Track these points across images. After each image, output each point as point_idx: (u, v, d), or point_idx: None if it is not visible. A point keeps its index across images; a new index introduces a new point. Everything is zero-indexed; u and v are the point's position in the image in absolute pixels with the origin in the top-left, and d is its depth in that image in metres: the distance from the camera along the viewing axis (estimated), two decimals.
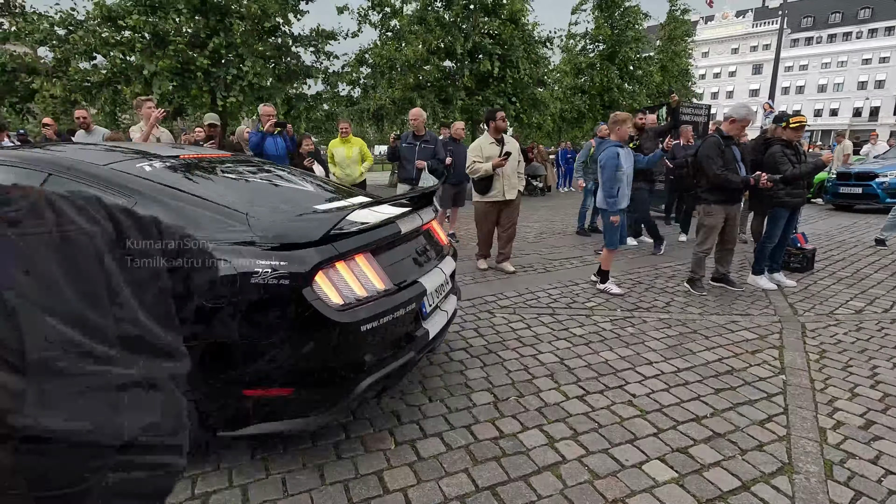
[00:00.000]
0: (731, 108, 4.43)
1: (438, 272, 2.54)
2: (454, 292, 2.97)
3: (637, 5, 17.69)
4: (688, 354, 3.25)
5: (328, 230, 1.89)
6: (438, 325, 2.49)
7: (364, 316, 1.93)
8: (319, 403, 1.96)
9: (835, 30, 57.64)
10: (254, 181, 2.62)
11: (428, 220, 2.67)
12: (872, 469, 2.11)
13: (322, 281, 1.87)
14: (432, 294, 2.45)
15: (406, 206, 2.58)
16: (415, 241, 2.53)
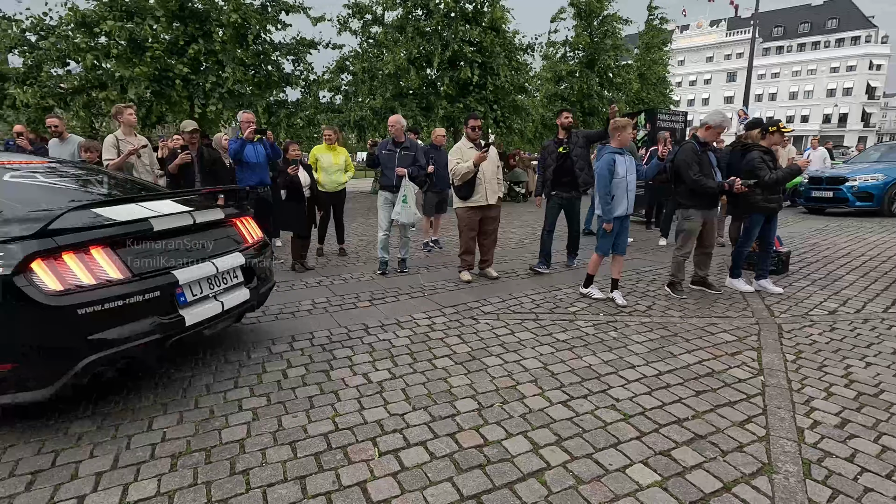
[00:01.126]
0: (707, 115, 4.53)
1: (208, 266, 2.84)
2: (256, 286, 3.25)
3: (616, 13, 18.02)
4: (669, 357, 3.29)
5: (44, 226, 2.20)
6: (205, 314, 2.77)
7: (83, 300, 2.21)
8: (41, 378, 2.23)
9: (804, 39, 59.66)
10: (23, 183, 2.81)
11: (226, 217, 3.16)
12: (849, 467, 2.15)
13: (40, 269, 2.17)
14: (194, 285, 2.77)
15: (190, 204, 2.97)
16: (183, 237, 2.79)
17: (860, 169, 10.44)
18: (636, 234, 8.03)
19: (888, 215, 9.68)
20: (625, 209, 4.36)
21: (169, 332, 2.57)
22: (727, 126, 4.56)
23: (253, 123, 5.67)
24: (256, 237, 3.44)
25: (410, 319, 4.06)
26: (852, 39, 57.03)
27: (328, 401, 2.73)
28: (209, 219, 3.00)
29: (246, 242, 3.30)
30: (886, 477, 2.08)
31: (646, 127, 9.63)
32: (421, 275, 5.61)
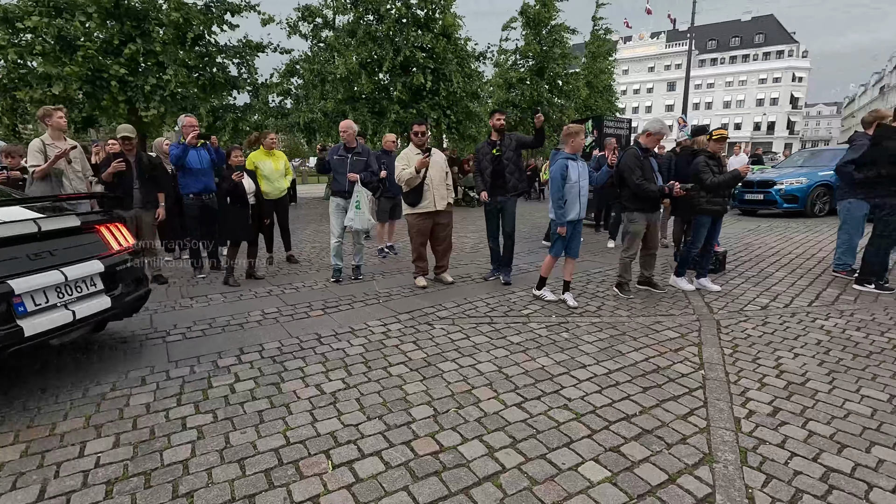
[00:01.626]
0: (648, 123, 4.74)
1: (54, 274, 2.77)
2: (120, 294, 3.22)
3: (563, 23, 18.62)
4: (618, 356, 3.41)
5: None
6: (50, 324, 2.70)
7: None
8: None
9: (735, 52, 63.86)
10: None
11: (87, 223, 3.12)
12: (781, 453, 2.29)
13: None
14: (36, 294, 2.70)
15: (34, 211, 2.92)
16: (24, 245, 2.72)
17: (786, 173, 11.25)
18: (586, 236, 8.29)
19: (811, 216, 10.48)
20: (577, 213, 4.47)
21: (5, 343, 2.49)
22: (666, 133, 4.80)
23: (196, 128, 5.44)
24: (124, 244, 3.38)
25: (365, 327, 4.01)
26: (777, 53, 61.58)
27: (279, 414, 2.64)
28: (59, 226, 2.93)
29: (110, 250, 3.24)
30: (813, 460, 2.23)
31: (593, 133, 9.98)
32: (376, 281, 5.55)
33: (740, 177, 4.67)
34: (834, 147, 15.64)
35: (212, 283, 5.56)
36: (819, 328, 3.91)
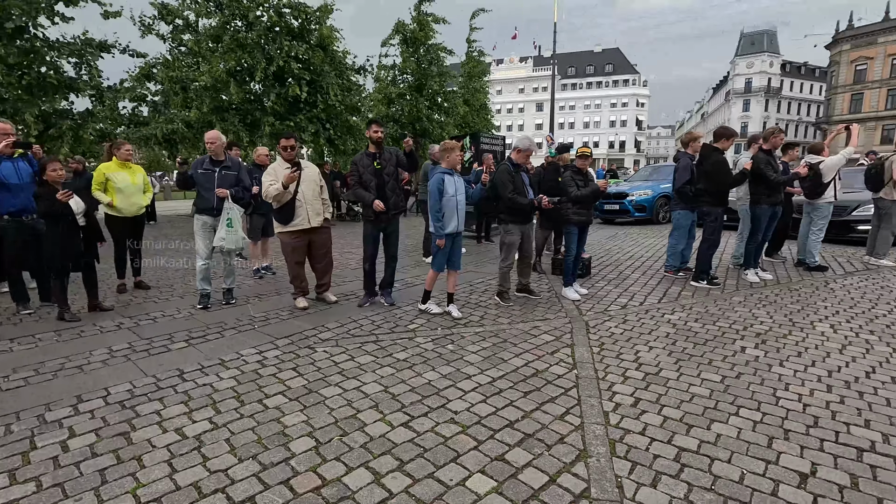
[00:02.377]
0: (517, 140, 5.05)
1: None
2: None
3: (441, 43, 19.32)
4: (501, 363, 3.52)
5: None
6: None
7: None
8: None
9: (591, 79, 71.99)
10: None
11: None
12: (642, 440, 2.52)
13: None
14: None
15: None
16: None
17: (636, 186, 12.84)
18: (468, 247, 8.58)
19: (657, 223, 12.05)
20: (455, 226, 4.57)
21: None
22: (534, 149, 5.15)
23: (11, 135, 4.57)
24: None
25: (237, 357, 3.65)
26: (623, 81, 70.72)
27: (127, 470, 2.26)
28: None
29: None
30: (668, 442, 2.49)
31: (471, 149, 10.42)
32: (251, 305, 5.12)
33: (601, 192, 5.17)
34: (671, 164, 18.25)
35: (42, 319, 4.67)
36: (667, 322, 4.45)
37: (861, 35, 44.25)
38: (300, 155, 5.10)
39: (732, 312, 4.72)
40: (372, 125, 4.81)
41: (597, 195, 5.18)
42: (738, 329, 4.23)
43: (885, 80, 42.96)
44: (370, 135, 4.80)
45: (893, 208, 6.71)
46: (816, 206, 6.56)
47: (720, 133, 5.66)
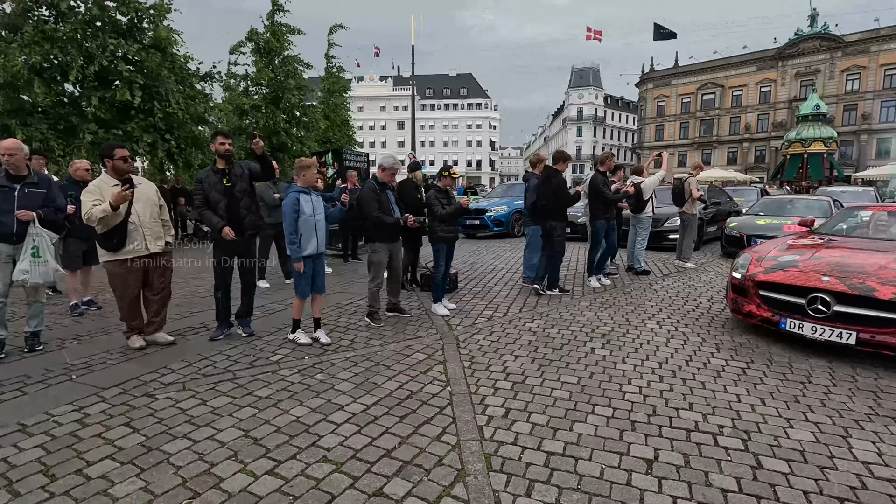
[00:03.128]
0: (381, 159, 5.03)
1: None
2: None
3: (297, 55, 18.57)
4: (374, 388, 3.39)
5: None
6: None
7: None
8: None
9: (448, 101, 75.93)
10: None
11: None
12: (515, 450, 2.61)
13: None
14: None
15: None
16: None
17: (493, 202, 13.74)
18: (336, 267, 8.28)
19: (514, 236, 13.01)
20: (315, 247, 4.33)
21: None
22: (398, 168, 5.17)
23: None
24: None
25: (47, 419, 2.95)
26: (477, 105, 75.99)
27: None
28: None
29: None
30: (537, 449, 2.62)
31: (334, 165, 10.14)
32: (67, 349, 4.23)
33: (463, 208, 5.38)
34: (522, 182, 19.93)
35: None
36: (529, 330, 4.76)
37: (660, 77, 53.89)
38: (133, 170, 4.36)
39: (581, 316, 5.24)
40: (218, 137, 4.32)
41: (460, 212, 5.38)
42: (588, 332, 4.70)
43: (678, 114, 52.84)
44: (216, 148, 4.30)
45: (693, 220, 8.19)
46: (640, 219, 7.68)
47: (557, 157, 6.30)
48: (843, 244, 5.00)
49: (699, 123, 51.39)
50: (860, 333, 3.72)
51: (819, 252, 4.65)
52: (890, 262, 4.10)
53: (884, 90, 40.27)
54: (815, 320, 3.94)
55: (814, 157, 30.91)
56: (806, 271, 4.20)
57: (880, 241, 5.06)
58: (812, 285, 4.01)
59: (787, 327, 4.12)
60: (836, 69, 42.31)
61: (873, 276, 3.89)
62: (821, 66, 43.03)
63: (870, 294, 3.72)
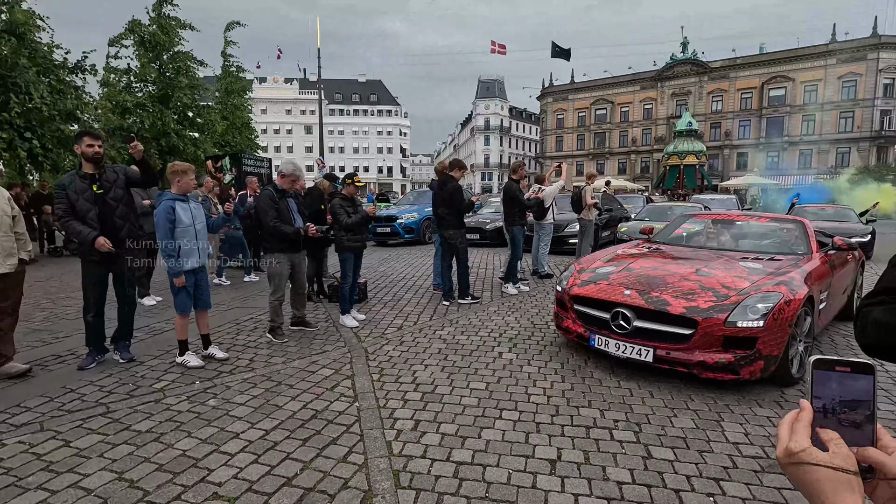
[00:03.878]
0: (281, 165, 4.77)
1: None
2: None
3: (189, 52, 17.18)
4: (275, 411, 3.16)
5: None
6: None
7: None
8: None
9: (357, 106, 74.78)
10: None
11: None
12: (424, 463, 2.56)
13: None
14: None
15: None
16: None
17: (404, 209, 13.70)
18: (235, 281, 7.71)
19: (425, 243, 13.06)
20: (197, 260, 4.01)
21: None
22: (299, 174, 4.91)
23: None
24: None
25: None
26: (387, 112, 75.73)
27: None
28: None
29: None
30: (447, 460, 2.59)
31: (232, 171, 9.49)
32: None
33: (370, 216, 5.25)
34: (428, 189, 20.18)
35: None
36: (439, 338, 4.76)
37: (558, 92, 57.62)
38: None
39: (490, 322, 5.35)
40: (84, 138, 3.79)
41: (367, 221, 5.25)
42: (496, 336, 4.81)
43: (575, 127, 56.81)
44: (83, 150, 3.78)
45: (590, 226, 8.77)
46: (543, 225, 8.06)
47: (454, 164, 6.41)
48: (666, 254, 4.76)
49: (594, 136, 55.66)
50: (657, 350, 3.47)
51: (636, 263, 4.37)
52: (691, 272, 3.91)
53: (741, 111, 46.54)
54: (619, 336, 3.67)
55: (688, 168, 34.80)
56: (613, 284, 3.93)
57: (703, 249, 4.87)
58: (615, 299, 3.75)
59: (595, 344, 3.80)
60: (704, 91, 48.15)
61: (671, 288, 3.69)
62: (692, 88, 48.71)
63: (663, 308, 3.50)
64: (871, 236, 9.90)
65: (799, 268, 3.96)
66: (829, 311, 4.49)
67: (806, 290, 3.56)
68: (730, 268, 4.05)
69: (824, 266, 4.23)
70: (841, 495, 0.50)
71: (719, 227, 5.40)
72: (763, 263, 4.13)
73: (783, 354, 3.41)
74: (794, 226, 5.01)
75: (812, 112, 42.91)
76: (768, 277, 3.73)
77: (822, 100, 42.38)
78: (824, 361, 0.56)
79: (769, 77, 44.82)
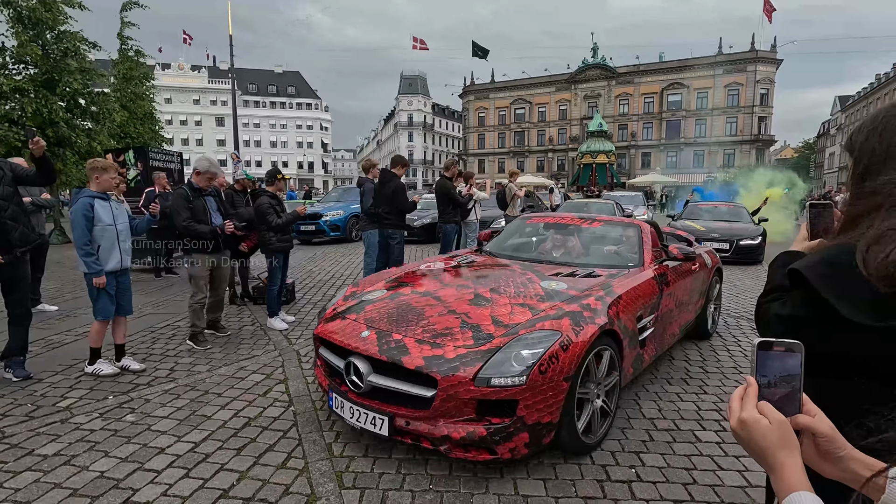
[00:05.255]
0: (196, 161, 4.49)
1: None
2: None
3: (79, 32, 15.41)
4: (204, 422, 3.00)
5: None
6: None
7: None
8: None
9: (274, 98, 71.30)
10: None
11: None
12: (366, 462, 2.56)
13: None
14: None
15: None
16: None
17: (329, 206, 13.37)
18: (145, 284, 7.11)
19: (352, 240, 12.85)
20: (119, 261, 3.73)
21: None
22: (215, 170, 4.61)
23: None
24: None
25: None
26: (307, 105, 73.02)
27: None
28: None
29: None
30: (389, 457, 2.61)
31: (137, 166, 8.72)
32: None
33: (299, 215, 5.10)
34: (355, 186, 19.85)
35: None
36: None
37: (480, 90, 58.92)
38: None
39: None
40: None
41: (296, 219, 5.10)
42: None
43: (496, 125, 58.47)
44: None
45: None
46: (469, 223, 8.27)
47: (396, 160, 6.39)
48: (469, 269, 3.76)
49: (514, 134, 57.63)
50: (395, 418, 2.40)
51: (414, 286, 3.32)
52: (464, 301, 2.92)
53: (644, 114, 50.52)
54: (354, 396, 2.56)
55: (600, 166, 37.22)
56: (358, 321, 2.86)
57: (519, 261, 3.88)
58: (349, 345, 2.66)
59: (334, 406, 2.67)
60: (612, 94, 51.63)
61: (422, 327, 2.67)
62: (601, 91, 52.02)
63: (398, 359, 2.44)
64: (761, 238, 9.48)
65: (608, 288, 3.04)
66: (663, 335, 3.59)
67: (602, 321, 2.64)
68: (522, 291, 3.04)
69: (651, 282, 3.39)
70: (784, 452, 0.62)
71: (552, 233, 4.52)
72: (572, 282, 3.21)
73: (562, 420, 2.42)
74: (632, 231, 4.09)
75: (704, 116, 47.69)
76: (561, 305, 2.77)
77: (712, 105, 47.23)
78: (766, 343, 0.67)
79: (668, 83, 49.08)
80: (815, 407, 0.68)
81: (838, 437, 0.66)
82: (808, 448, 0.66)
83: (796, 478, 0.61)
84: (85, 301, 4.89)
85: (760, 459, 0.65)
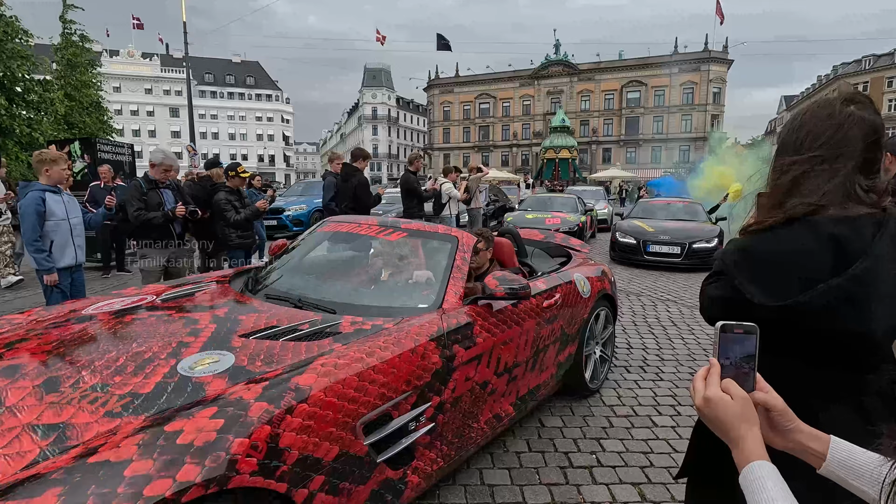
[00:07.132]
0: (151, 154, 4.30)
1: None
2: None
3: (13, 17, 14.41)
4: None
5: None
6: None
7: None
8: None
9: (232, 89, 68.97)
10: None
11: None
12: None
13: None
14: None
15: None
16: None
17: (292, 201, 13.10)
18: (96, 282, 6.77)
19: None
20: (73, 258, 3.61)
21: None
22: (170, 163, 4.39)
23: None
24: None
25: None
26: (266, 96, 70.99)
27: None
28: None
29: None
30: None
31: (84, 158, 8.27)
32: None
33: (260, 212, 4.95)
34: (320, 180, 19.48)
35: None
36: None
37: (444, 84, 58.89)
38: None
39: None
40: None
41: (258, 215, 4.96)
42: None
43: (461, 120, 58.67)
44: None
45: (479, 214, 9.23)
46: (442, 217, 8.30)
47: (357, 154, 6.28)
48: (130, 317, 2.18)
49: (478, 129, 57.97)
50: None
51: None
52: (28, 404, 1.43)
53: (605, 111, 51.83)
54: None
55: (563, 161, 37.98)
56: None
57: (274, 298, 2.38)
58: None
59: None
60: (574, 91, 52.69)
61: None
62: (564, 88, 53.00)
63: None
64: (717, 240, 8.23)
65: (292, 373, 1.54)
66: (462, 428, 2.13)
67: None
68: (133, 372, 1.59)
69: (432, 346, 1.94)
70: (745, 426, 0.66)
71: (340, 247, 3.24)
72: (249, 353, 1.71)
73: None
74: (449, 244, 2.53)
75: (661, 114, 49.39)
76: (153, 426, 1.28)
77: (668, 103, 48.94)
78: (727, 326, 0.72)
79: (627, 81, 50.52)
80: (766, 384, 0.72)
81: (788, 411, 0.71)
82: (761, 422, 0.70)
83: (756, 448, 0.65)
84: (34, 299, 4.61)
85: (723, 434, 0.68)
